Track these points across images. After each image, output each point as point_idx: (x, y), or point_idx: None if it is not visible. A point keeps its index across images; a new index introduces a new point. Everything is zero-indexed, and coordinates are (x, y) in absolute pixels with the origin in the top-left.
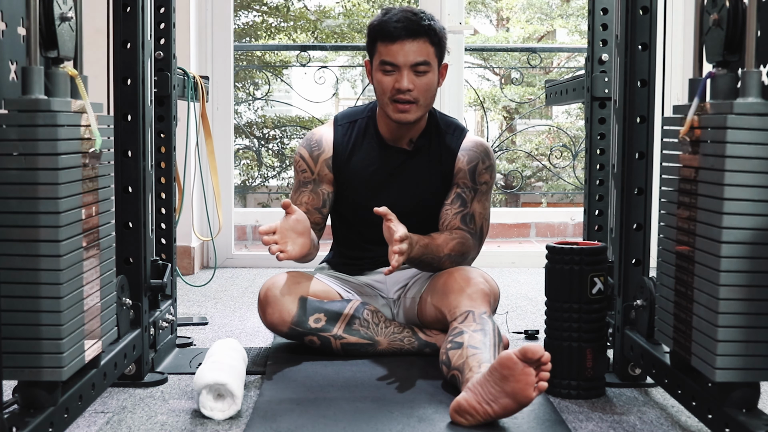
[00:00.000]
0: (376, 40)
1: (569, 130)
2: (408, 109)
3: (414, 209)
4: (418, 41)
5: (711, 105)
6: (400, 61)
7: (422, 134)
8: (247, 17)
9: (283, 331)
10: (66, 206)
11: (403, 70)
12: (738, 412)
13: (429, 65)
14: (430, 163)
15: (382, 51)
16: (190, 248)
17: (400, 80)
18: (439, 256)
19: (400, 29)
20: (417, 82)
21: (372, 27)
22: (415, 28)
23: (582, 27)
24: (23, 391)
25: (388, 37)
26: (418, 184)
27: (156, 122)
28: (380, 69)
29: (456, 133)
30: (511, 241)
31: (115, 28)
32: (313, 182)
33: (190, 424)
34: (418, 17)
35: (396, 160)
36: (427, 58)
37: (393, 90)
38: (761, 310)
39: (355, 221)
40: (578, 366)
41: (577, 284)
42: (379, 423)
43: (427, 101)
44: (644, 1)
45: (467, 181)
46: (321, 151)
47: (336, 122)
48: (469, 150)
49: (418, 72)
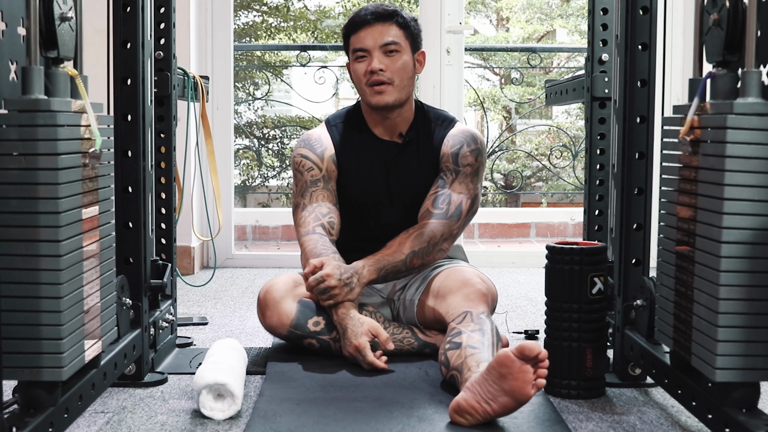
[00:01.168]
0: (349, 35)
1: (569, 130)
2: (383, 89)
3: (409, 201)
4: (385, 24)
5: (711, 105)
6: (369, 44)
7: (411, 127)
8: (247, 17)
9: (282, 334)
10: (66, 206)
11: (373, 52)
12: (738, 412)
13: (398, 44)
14: (421, 155)
15: (353, 41)
16: (190, 248)
17: (371, 62)
18: (401, 260)
19: (367, 15)
20: (389, 63)
21: (344, 28)
22: (381, 12)
23: (582, 27)
24: (23, 391)
25: (357, 26)
26: (411, 177)
27: (156, 122)
28: (354, 60)
29: (444, 124)
30: (511, 241)
31: (115, 28)
32: (322, 179)
33: (190, 424)
34: (384, 5)
35: (389, 154)
36: (395, 38)
37: (367, 74)
38: (761, 310)
39: (352, 219)
40: (578, 366)
41: (577, 284)
42: (379, 423)
43: (404, 82)
44: (644, 1)
45: (449, 164)
46: (324, 148)
47: (328, 123)
48: (454, 136)
49: (389, 52)
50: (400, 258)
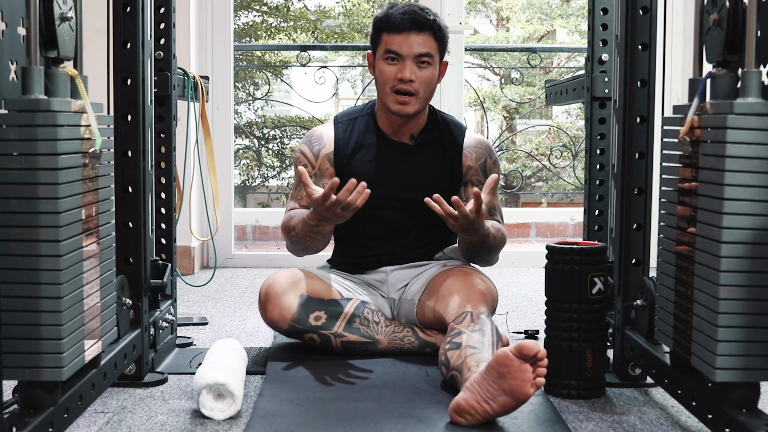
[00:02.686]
0: (382, 31)
1: (569, 130)
2: (408, 101)
3: (418, 202)
4: (423, 34)
5: (711, 105)
6: (405, 51)
7: (423, 130)
8: (247, 17)
9: (283, 328)
10: (66, 206)
11: (407, 61)
12: (738, 412)
13: (432, 58)
14: (436, 158)
15: (387, 41)
16: (190, 248)
17: (403, 70)
18: (492, 243)
19: (407, 20)
20: (419, 74)
21: (378, 19)
22: (421, 21)
23: (582, 27)
24: (23, 391)
25: (395, 28)
26: (422, 178)
27: (156, 122)
28: (384, 59)
29: (457, 129)
30: (511, 241)
31: (115, 28)
32: (314, 176)
33: (190, 424)
34: (425, 11)
35: (399, 155)
36: (430, 50)
37: (395, 79)
38: (761, 310)
39: (359, 217)
40: (578, 366)
41: (577, 284)
42: (379, 423)
43: (427, 95)
44: (644, 1)
45: (480, 177)
46: (322, 146)
47: (336, 120)
48: (475, 147)
49: (421, 64)
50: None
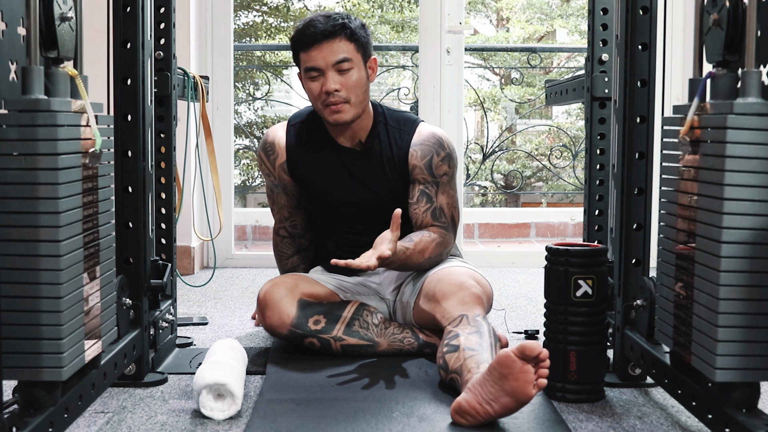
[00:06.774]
0: (298, 51)
1: (569, 130)
2: (341, 108)
3: (372, 208)
4: (335, 40)
5: (711, 105)
6: (321, 63)
7: (370, 134)
8: (247, 17)
9: (282, 334)
10: (66, 206)
11: (327, 72)
12: (738, 412)
13: (351, 61)
14: (383, 163)
15: (305, 59)
16: (190, 248)
17: (326, 83)
18: (419, 262)
19: (315, 33)
20: (343, 81)
21: (292, 40)
22: (329, 30)
23: (582, 27)
24: (23, 391)
25: (306, 44)
26: (373, 184)
27: (156, 122)
28: (307, 78)
29: (406, 128)
30: (511, 241)
31: (115, 28)
32: (279, 185)
33: (190, 424)
34: (332, 18)
35: (348, 161)
36: (347, 54)
37: (322, 94)
38: (761, 310)
39: (323, 233)
40: (563, 368)
41: (564, 286)
42: (379, 423)
43: (359, 98)
44: (644, 1)
45: (426, 176)
46: (275, 156)
47: (290, 122)
48: (421, 144)
49: (342, 70)
50: (422, 259)
